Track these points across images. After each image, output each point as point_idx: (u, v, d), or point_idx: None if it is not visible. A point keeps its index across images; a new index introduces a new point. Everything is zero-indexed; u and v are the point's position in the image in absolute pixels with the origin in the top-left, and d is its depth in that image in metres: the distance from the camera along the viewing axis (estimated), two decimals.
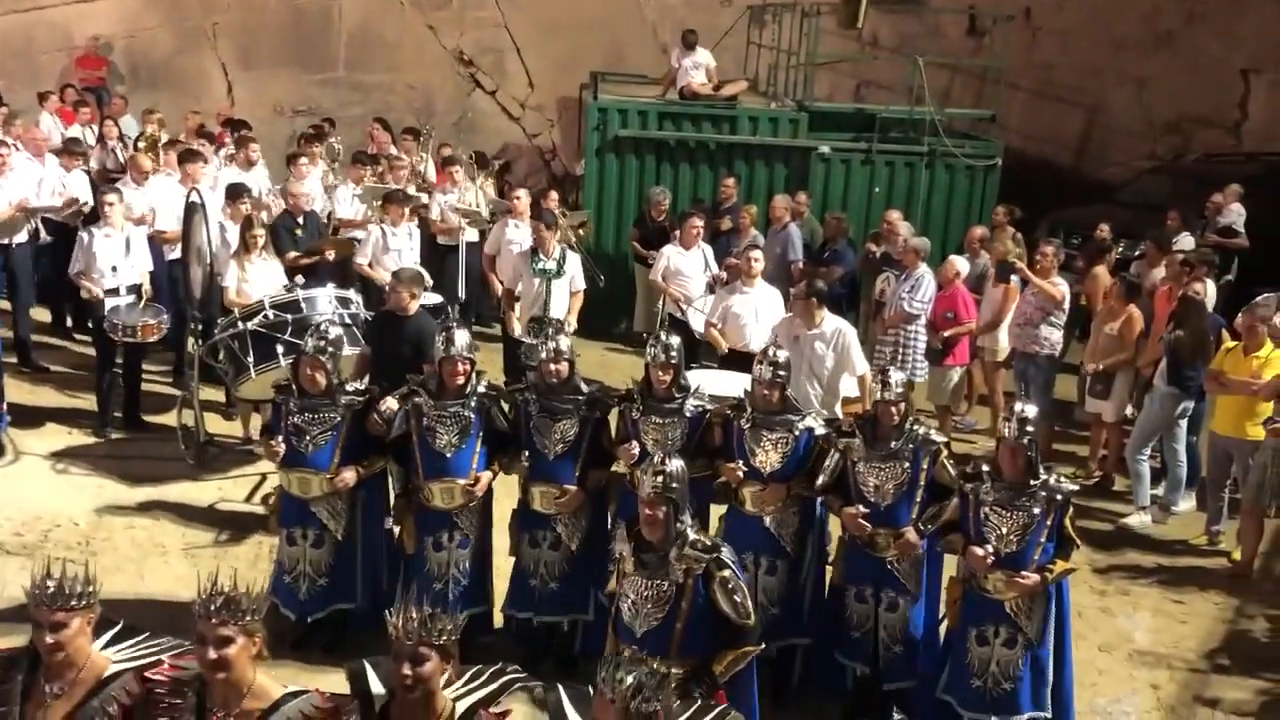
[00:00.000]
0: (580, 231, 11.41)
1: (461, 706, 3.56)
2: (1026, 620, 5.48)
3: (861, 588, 5.98)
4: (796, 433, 6.01)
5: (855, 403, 7.93)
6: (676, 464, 4.85)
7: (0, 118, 12.41)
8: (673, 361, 6.11)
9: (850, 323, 8.43)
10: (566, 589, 6.24)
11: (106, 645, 3.71)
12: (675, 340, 6.23)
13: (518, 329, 9.35)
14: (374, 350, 7.73)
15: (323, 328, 6.45)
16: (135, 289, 9.02)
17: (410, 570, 6.31)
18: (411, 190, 11.32)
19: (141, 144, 11.91)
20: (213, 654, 3.45)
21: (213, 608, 3.47)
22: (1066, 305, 9.58)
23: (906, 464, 5.79)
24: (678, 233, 10.77)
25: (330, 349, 6.26)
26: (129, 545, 7.46)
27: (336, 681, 3.65)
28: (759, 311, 8.86)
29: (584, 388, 6.18)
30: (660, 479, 4.75)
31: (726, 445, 6.14)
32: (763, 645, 5.00)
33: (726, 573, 4.77)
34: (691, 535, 4.80)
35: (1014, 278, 9.81)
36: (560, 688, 3.80)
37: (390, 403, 6.42)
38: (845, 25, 14.27)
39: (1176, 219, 11.93)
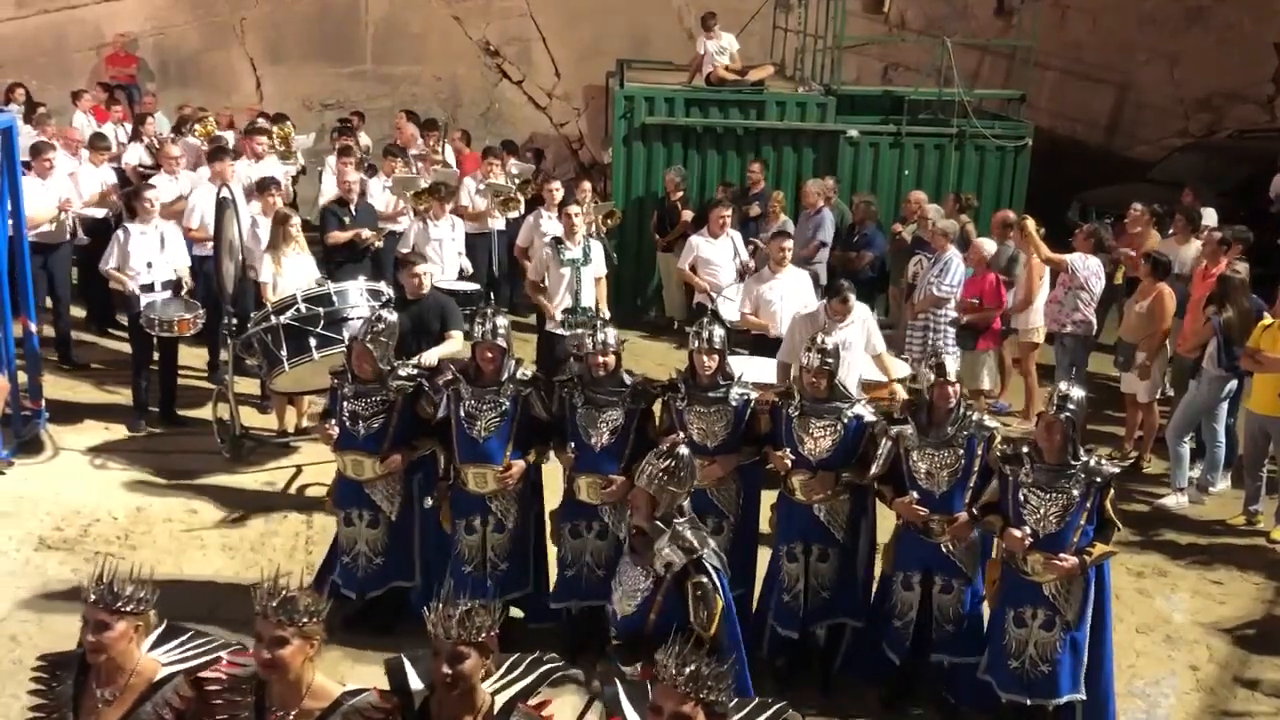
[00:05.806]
0: (608, 222, 11.43)
1: (500, 700, 3.56)
2: (1065, 603, 5.45)
3: (909, 575, 5.95)
4: (845, 420, 5.97)
5: (878, 387, 7.92)
6: (683, 454, 4.94)
7: (34, 117, 12.50)
8: (717, 347, 6.12)
9: (880, 307, 8.38)
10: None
11: (153, 647, 3.69)
12: (719, 327, 6.24)
13: (558, 318, 9.31)
14: (401, 337, 7.78)
15: (375, 314, 6.60)
16: (170, 285, 9.09)
17: (448, 553, 6.39)
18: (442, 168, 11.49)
19: (199, 128, 12.37)
20: (267, 654, 3.45)
21: (271, 607, 3.46)
22: (1096, 284, 9.51)
23: (960, 451, 5.74)
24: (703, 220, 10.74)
25: (381, 336, 6.38)
26: (167, 539, 7.53)
27: (378, 669, 3.68)
28: (788, 296, 8.84)
29: (627, 379, 6.20)
30: (662, 469, 4.84)
31: (775, 432, 6.12)
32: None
33: (704, 579, 4.75)
34: (684, 531, 4.80)
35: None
36: (619, 683, 3.83)
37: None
38: (871, 8, 14.18)
39: (1190, 195, 11.78)
